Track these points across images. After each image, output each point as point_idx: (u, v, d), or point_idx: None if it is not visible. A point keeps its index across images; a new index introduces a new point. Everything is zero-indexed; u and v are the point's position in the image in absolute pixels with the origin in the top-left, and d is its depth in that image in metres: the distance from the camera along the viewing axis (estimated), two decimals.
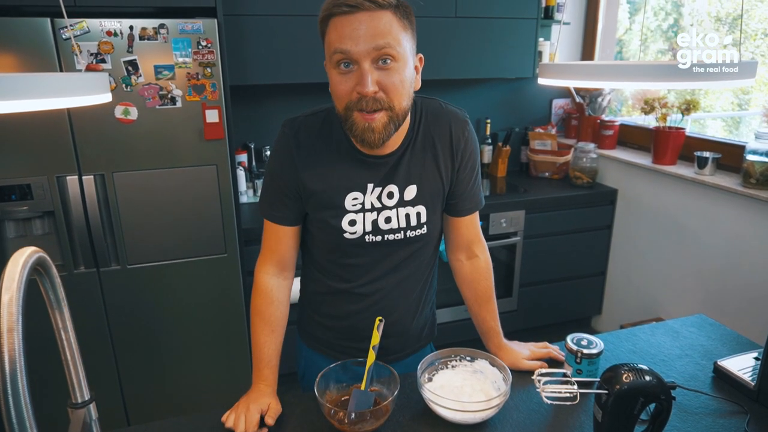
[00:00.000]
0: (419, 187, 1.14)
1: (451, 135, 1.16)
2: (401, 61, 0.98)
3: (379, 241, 1.15)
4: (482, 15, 2.77)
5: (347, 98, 0.99)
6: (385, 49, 0.95)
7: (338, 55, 0.96)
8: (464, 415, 1.08)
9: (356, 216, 1.12)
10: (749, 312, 2.27)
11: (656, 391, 0.97)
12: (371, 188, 1.11)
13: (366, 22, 0.93)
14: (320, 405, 1.07)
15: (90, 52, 1.91)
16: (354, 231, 1.13)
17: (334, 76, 1.00)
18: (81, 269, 2.10)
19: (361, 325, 1.22)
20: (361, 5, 0.92)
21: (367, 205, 1.12)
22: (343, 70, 0.98)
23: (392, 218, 1.13)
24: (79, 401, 0.76)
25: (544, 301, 3.07)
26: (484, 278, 1.32)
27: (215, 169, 2.17)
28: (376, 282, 1.19)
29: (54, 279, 0.68)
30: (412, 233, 1.16)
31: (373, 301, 1.21)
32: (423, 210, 1.15)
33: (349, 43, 0.94)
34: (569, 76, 1.05)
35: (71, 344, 0.73)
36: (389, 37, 0.95)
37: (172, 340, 2.31)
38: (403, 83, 1.00)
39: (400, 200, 1.13)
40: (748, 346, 1.37)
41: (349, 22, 0.94)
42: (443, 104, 1.19)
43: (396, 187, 1.12)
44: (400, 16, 0.97)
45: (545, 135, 3.26)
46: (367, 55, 0.95)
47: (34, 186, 1.97)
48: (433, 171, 1.15)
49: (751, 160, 2.22)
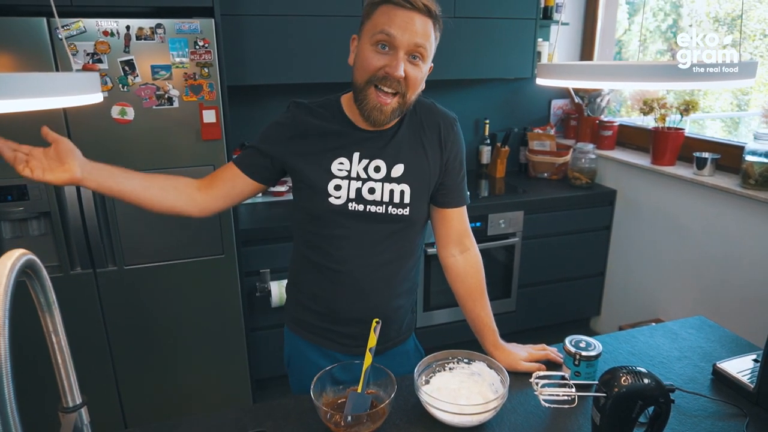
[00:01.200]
0: (406, 167, 1.21)
1: (440, 130, 1.26)
2: (426, 62, 1.14)
3: (361, 211, 1.19)
4: (481, 15, 2.77)
5: (373, 72, 1.11)
6: (420, 48, 1.10)
7: (383, 35, 1.08)
8: (461, 417, 1.08)
9: (341, 182, 1.19)
10: (748, 313, 2.26)
11: (655, 393, 0.96)
12: (357, 157, 1.20)
13: (417, 22, 1.08)
14: (316, 408, 1.06)
15: (86, 52, 1.90)
16: (339, 196, 1.19)
17: (368, 51, 1.11)
18: (77, 270, 2.09)
19: (340, 306, 1.26)
20: (419, 7, 1.08)
21: (353, 173, 1.19)
22: (379, 49, 1.10)
23: (376, 190, 1.19)
24: (71, 405, 0.75)
25: (542, 302, 3.06)
26: (477, 271, 1.34)
27: (212, 169, 2.16)
28: (356, 259, 1.23)
29: (44, 282, 0.67)
30: (394, 210, 1.20)
31: (353, 280, 1.24)
32: (407, 189, 1.21)
33: (397, 30, 1.07)
34: (568, 77, 1.04)
35: (62, 347, 0.72)
36: (426, 40, 1.11)
37: (168, 342, 2.30)
38: (420, 79, 1.15)
39: (386, 176, 1.20)
40: (747, 348, 1.37)
41: (404, 15, 1.08)
42: (435, 104, 1.31)
43: (383, 162, 1.20)
44: (437, 27, 1.14)
45: (544, 135, 3.26)
46: (407, 46, 1.09)
47: (30, 187, 1.96)
48: (422, 157, 1.23)
49: (750, 161, 2.21)
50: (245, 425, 1.11)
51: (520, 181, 3.19)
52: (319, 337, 1.31)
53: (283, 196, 2.76)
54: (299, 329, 1.34)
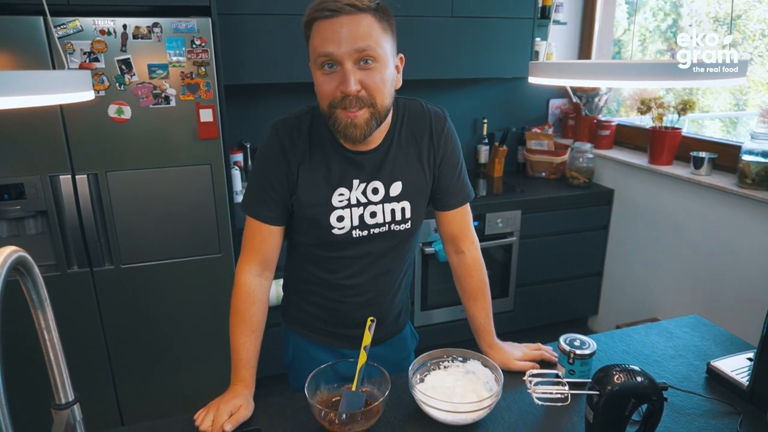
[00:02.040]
0: (404, 184, 1.18)
1: (432, 131, 1.20)
2: (382, 61, 1.02)
3: (366, 236, 1.18)
4: (479, 15, 2.77)
5: (331, 97, 1.03)
6: (366, 51, 0.99)
7: (322, 58, 1.01)
8: (455, 416, 1.08)
9: (343, 212, 1.15)
10: (744, 312, 2.27)
11: (648, 391, 0.96)
12: (357, 184, 1.15)
13: (347, 25, 0.98)
14: (311, 406, 1.06)
15: (83, 51, 1.90)
16: (342, 227, 1.16)
17: (319, 77, 1.04)
18: (74, 269, 2.09)
19: (347, 313, 1.27)
20: (342, 9, 0.97)
21: (353, 200, 1.15)
22: (327, 71, 1.02)
23: (377, 213, 1.17)
24: (63, 402, 0.75)
25: (540, 301, 3.06)
26: (470, 275, 1.33)
27: (209, 168, 2.16)
28: (360, 274, 1.23)
29: (36, 279, 0.67)
30: (396, 227, 1.20)
31: (359, 291, 1.25)
32: (408, 205, 1.19)
33: (331, 45, 0.98)
34: (559, 75, 1.04)
35: (54, 344, 0.72)
36: (370, 39, 0.99)
37: (165, 340, 2.30)
38: (384, 82, 1.04)
39: (385, 196, 1.17)
40: (742, 347, 1.37)
41: (332, 26, 0.98)
42: (424, 104, 1.23)
43: (381, 183, 1.16)
44: (379, 18, 1.01)
45: (542, 135, 3.26)
46: (349, 57, 0.99)
47: (27, 185, 1.96)
48: (417, 167, 1.19)
49: (747, 161, 2.22)
50: (241, 424, 1.11)
51: (517, 180, 3.19)
52: (326, 337, 1.32)
53: None
54: (304, 331, 1.34)
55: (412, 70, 2.79)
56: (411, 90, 3.31)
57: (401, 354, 1.41)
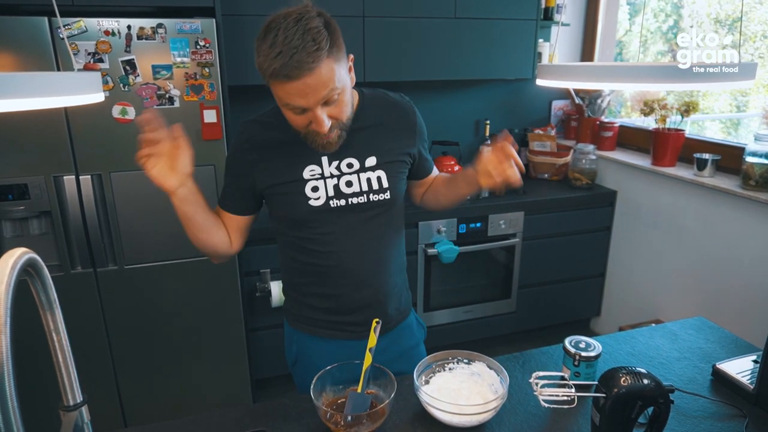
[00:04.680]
0: (378, 156, 1.22)
1: (408, 118, 1.28)
2: (343, 90, 1.06)
3: (344, 206, 1.20)
4: (482, 16, 2.77)
5: (304, 128, 1.09)
6: (330, 95, 1.03)
7: (290, 107, 1.05)
8: (461, 418, 1.08)
9: (317, 183, 1.18)
10: (748, 314, 2.26)
11: (654, 394, 0.96)
12: (326, 161, 1.19)
13: (309, 81, 0.99)
14: (316, 408, 1.06)
15: (88, 52, 1.90)
16: (318, 197, 1.18)
17: (288, 113, 1.08)
18: (78, 269, 2.09)
19: (343, 298, 1.27)
20: (302, 73, 0.97)
21: (326, 173, 1.19)
22: (296, 112, 1.06)
23: (353, 182, 1.20)
24: (71, 404, 0.75)
25: (543, 302, 3.06)
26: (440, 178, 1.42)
27: (213, 169, 2.16)
28: (347, 252, 1.23)
29: (45, 280, 0.67)
30: (375, 197, 1.21)
31: (349, 272, 1.24)
32: (383, 174, 1.22)
33: (299, 101, 1.02)
34: (568, 77, 1.04)
35: (63, 346, 0.72)
36: (331, 84, 1.02)
37: (169, 341, 2.30)
38: (347, 103, 1.10)
39: (361, 167, 1.21)
40: (747, 349, 1.37)
41: (295, 86, 0.99)
42: (386, 93, 1.30)
43: (353, 159, 1.20)
44: (333, 53, 1.01)
45: (544, 136, 3.26)
46: (315, 104, 1.03)
47: (30, 186, 1.97)
48: (391, 141, 1.24)
49: (751, 162, 2.22)
50: (245, 425, 1.12)
51: None
52: (326, 330, 1.31)
53: None
54: (304, 326, 1.33)
55: (415, 72, 2.81)
56: (413, 91, 3.32)
57: (408, 342, 1.40)
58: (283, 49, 0.96)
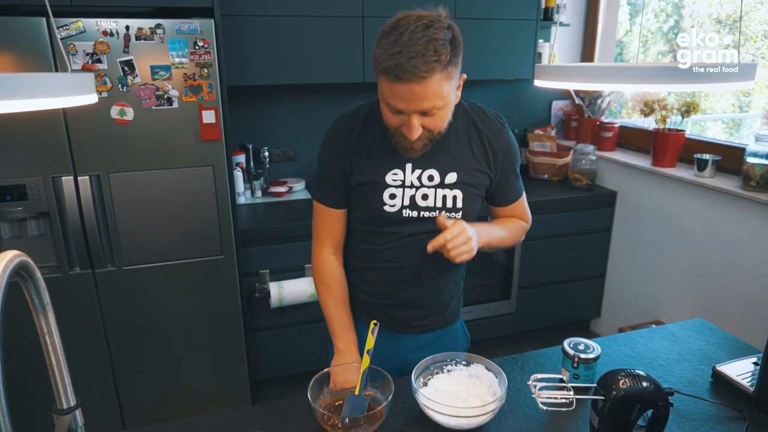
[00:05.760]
0: (459, 174, 1.22)
1: (487, 141, 1.25)
2: (445, 106, 1.07)
3: (415, 217, 1.22)
4: (481, 16, 2.76)
5: (394, 127, 1.11)
6: (431, 109, 1.04)
7: (390, 105, 1.06)
8: (459, 420, 1.07)
9: (396, 191, 1.21)
10: (749, 315, 2.26)
11: (653, 397, 0.96)
12: (410, 168, 1.20)
13: (416, 90, 1.00)
14: (313, 410, 1.06)
15: (86, 52, 1.90)
16: (393, 204, 1.21)
17: (385, 110, 1.10)
18: (76, 270, 2.09)
19: (393, 292, 1.31)
20: (413, 78, 0.98)
21: (407, 182, 1.21)
22: (393, 111, 1.07)
23: (429, 196, 1.22)
24: (65, 407, 0.75)
25: (542, 303, 3.05)
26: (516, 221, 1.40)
27: (212, 170, 2.16)
28: (409, 256, 1.26)
29: (38, 283, 0.66)
30: (446, 214, 1.22)
31: (407, 273, 1.28)
32: (459, 194, 1.22)
33: (400, 103, 1.03)
34: (566, 78, 1.04)
35: (56, 349, 0.72)
36: (435, 98, 1.02)
37: (168, 343, 2.30)
38: (445, 119, 1.10)
39: (440, 183, 1.21)
40: (747, 351, 1.36)
41: (401, 88, 1.01)
42: (483, 111, 1.28)
43: (436, 171, 1.21)
44: (447, 68, 1.01)
45: (544, 137, 3.25)
46: (414, 112, 1.05)
47: (29, 186, 1.96)
48: (473, 163, 1.23)
49: (752, 163, 2.21)
50: (243, 427, 1.11)
51: None
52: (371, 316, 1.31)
53: (283, 197, 2.75)
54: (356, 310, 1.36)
55: None
56: None
57: (450, 347, 1.40)
58: (403, 49, 0.97)
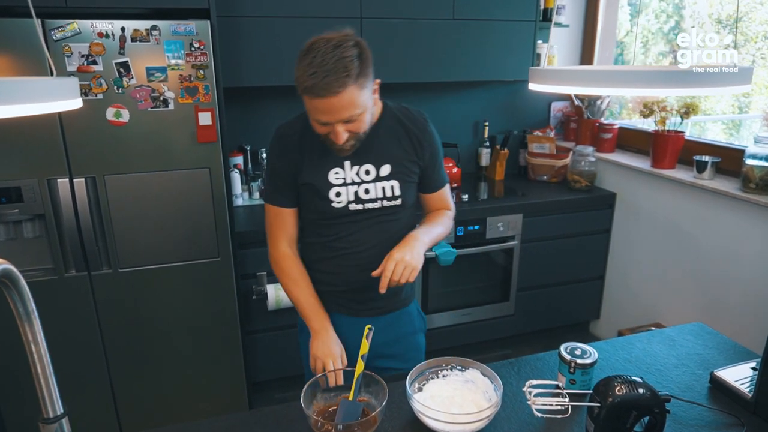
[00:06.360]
0: (392, 166, 1.37)
1: (413, 135, 1.40)
2: (364, 112, 1.22)
3: (361, 209, 1.38)
4: (480, 17, 2.75)
5: (323, 135, 1.26)
6: (351, 117, 1.20)
7: (316, 119, 1.22)
8: (454, 426, 1.06)
9: (340, 189, 1.35)
10: (748, 318, 2.25)
11: (649, 404, 0.95)
12: (349, 165, 1.35)
13: (334, 103, 1.15)
14: (307, 416, 1.05)
15: (81, 54, 1.89)
16: (340, 201, 1.36)
17: (313, 122, 1.25)
18: (72, 273, 2.08)
19: (349, 276, 1.42)
20: (327, 94, 1.13)
21: (349, 180, 1.36)
22: (319, 123, 1.23)
23: (371, 190, 1.37)
24: (51, 416, 0.74)
25: (541, 305, 3.04)
26: (441, 213, 1.53)
27: (208, 172, 2.15)
28: (361, 242, 1.40)
29: (23, 291, 0.65)
30: (387, 203, 1.39)
31: (361, 258, 1.40)
32: (396, 184, 1.38)
33: (323, 116, 1.19)
34: (558, 82, 1.02)
35: (42, 357, 0.71)
36: (353, 108, 1.18)
37: (164, 345, 2.29)
38: (366, 122, 1.25)
39: (377, 176, 1.37)
40: (746, 356, 1.35)
41: (321, 103, 1.16)
42: (406, 109, 1.44)
43: (372, 165, 1.36)
44: (358, 80, 1.16)
45: (543, 138, 3.24)
46: (337, 121, 1.20)
47: (24, 188, 1.95)
48: (402, 154, 1.39)
49: (751, 165, 2.20)
50: None
51: (519, 183, 3.17)
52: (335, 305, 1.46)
53: None
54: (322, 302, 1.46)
55: (414, 73, 2.79)
56: (412, 92, 3.30)
57: (407, 328, 1.54)
58: (317, 70, 1.12)
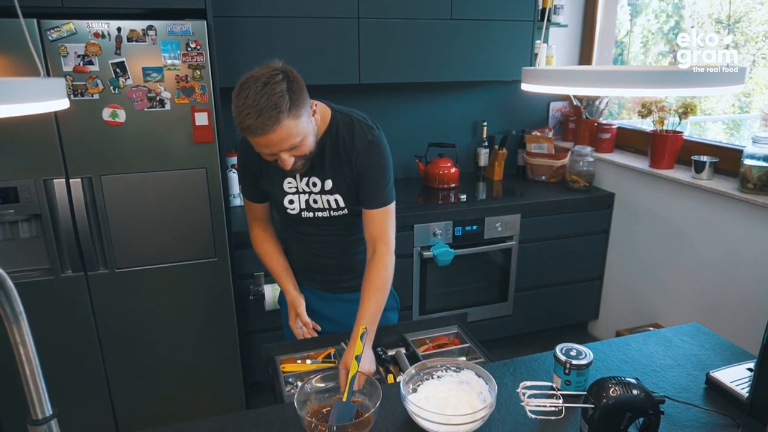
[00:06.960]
0: (334, 182, 1.44)
1: (351, 155, 1.41)
2: (304, 139, 1.28)
3: (312, 217, 1.50)
4: (478, 17, 2.75)
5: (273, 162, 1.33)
6: (291, 147, 1.26)
7: (261, 152, 1.29)
8: (448, 428, 1.06)
9: (293, 197, 1.48)
10: (745, 318, 2.24)
11: (644, 405, 0.94)
12: (299, 176, 1.45)
13: (272, 138, 1.21)
14: (300, 418, 1.04)
15: (77, 54, 1.88)
16: (293, 208, 1.49)
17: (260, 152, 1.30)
18: (68, 273, 2.08)
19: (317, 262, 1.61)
20: (263, 132, 1.19)
21: (300, 189, 1.46)
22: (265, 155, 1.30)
23: (319, 201, 1.47)
24: (40, 417, 0.73)
25: (540, 305, 3.03)
26: (375, 271, 1.43)
27: (205, 172, 2.14)
28: (318, 239, 1.55)
29: (9, 292, 0.65)
30: (335, 213, 1.49)
31: (320, 249, 1.57)
32: (340, 198, 1.46)
33: (265, 150, 1.27)
34: (552, 83, 1.02)
35: (30, 358, 0.70)
36: (291, 138, 1.24)
37: (161, 345, 2.28)
38: (309, 145, 1.31)
39: (321, 189, 1.45)
40: (742, 356, 1.34)
41: (260, 140, 1.23)
42: (355, 119, 1.44)
43: (317, 179, 1.44)
44: (292, 112, 1.20)
45: (542, 138, 3.23)
46: (279, 152, 1.26)
47: (20, 189, 1.95)
48: (343, 171, 1.43)
49: (749, 165, 2.19)
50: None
51: (517, 183, 3.17)
52: (308, 280, 1.66)
53: None
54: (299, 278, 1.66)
55: (412, 73, 2.79)
56: (410, 93, 3.30)
57: None
58: (250, 111, 1.17)
